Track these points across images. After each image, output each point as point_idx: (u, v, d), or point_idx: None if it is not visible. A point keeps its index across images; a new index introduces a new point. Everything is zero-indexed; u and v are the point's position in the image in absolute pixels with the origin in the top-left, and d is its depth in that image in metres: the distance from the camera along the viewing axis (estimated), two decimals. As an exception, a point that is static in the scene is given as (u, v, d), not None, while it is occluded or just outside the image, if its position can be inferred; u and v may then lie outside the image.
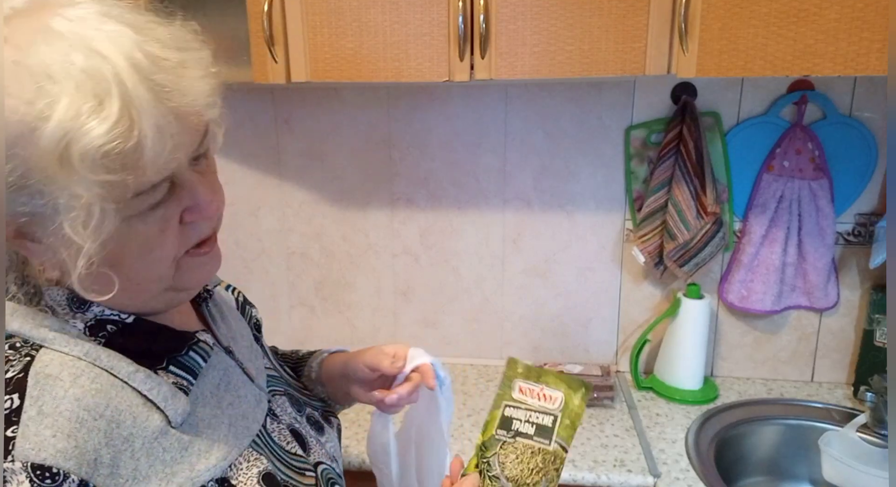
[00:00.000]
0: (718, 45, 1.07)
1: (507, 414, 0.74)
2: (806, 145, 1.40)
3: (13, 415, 0.47)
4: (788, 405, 1.44)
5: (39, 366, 0.51)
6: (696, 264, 1.44)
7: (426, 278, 1.62)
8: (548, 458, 0.71)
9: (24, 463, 0.46)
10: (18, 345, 0.52)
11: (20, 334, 0.53)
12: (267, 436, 0.67)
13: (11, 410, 0.48)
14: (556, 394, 0.74)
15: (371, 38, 1.16)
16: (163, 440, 0.55)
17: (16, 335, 0.53)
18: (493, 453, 0.73)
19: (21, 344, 0.53)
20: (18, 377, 0.50)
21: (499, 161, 1.52)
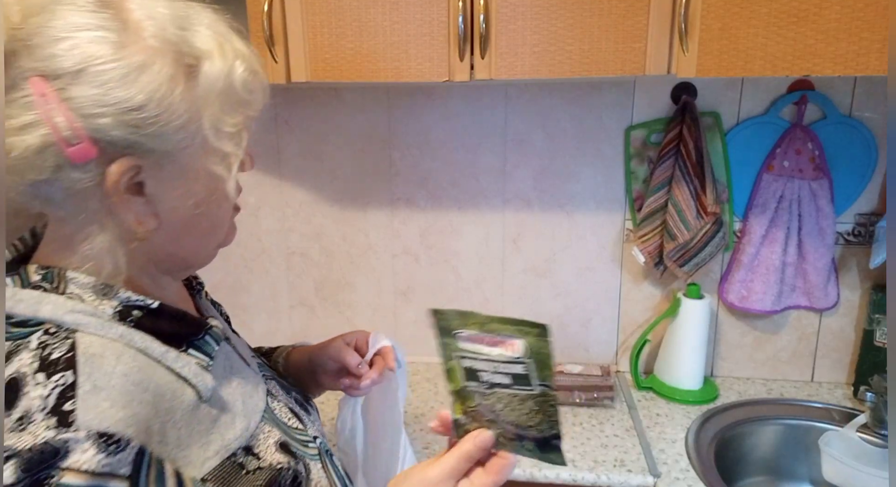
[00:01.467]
0: (718, 45, 1.07)
1: (468, 365, 0.68)
2: (806, 145, 1.40)
3: (68, 390, 0.49)
4: (788, 405, 1.44)
5: (84, 346, 0.53)
6: (696, 264, 1.44)
7: (426, 278, 1.62)
8: (538, 400, 0.67)
9: (88, 432, 0.48)
10: (53, 331, 0.54)
11: (53, 320, 0.54)
12: (272, 412, 0.72)
13: (67, 385, 0.50)
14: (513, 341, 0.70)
15: (371, 38, 1.16)
16: (196, 412, 0.59)
17: (48, 321, 0.54)
18: (476, 403, 0.69)
19: (56, 329, 0.54)
20: (68, 356, 0.52)
21: (499, 161, 1.52)
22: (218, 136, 0.59)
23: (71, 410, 0.49)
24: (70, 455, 0.47)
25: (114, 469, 0.49)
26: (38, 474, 0.46)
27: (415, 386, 1.54)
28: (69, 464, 0.47)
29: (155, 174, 0.56)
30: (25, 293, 0.55)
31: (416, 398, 1.48)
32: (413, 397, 1.48)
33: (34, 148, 0.51)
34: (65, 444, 0.47)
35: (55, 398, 0.49)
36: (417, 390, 1.52)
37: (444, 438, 0.72)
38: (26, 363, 0.51)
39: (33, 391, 0.49)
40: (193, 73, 0.57)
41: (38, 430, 0.47)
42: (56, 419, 0.48)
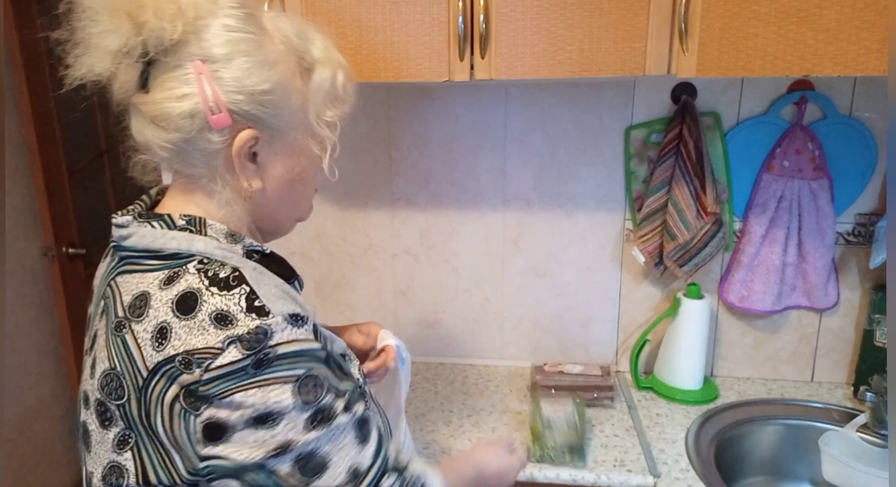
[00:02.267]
0: (718, 45, 1.07)
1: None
2: (806, 145, 1.40)
3: (252, 295, 0.66)
4: (788, 405, 1.44)
5: (242, 270, 0.69)
6: (696, 264, 1.44)
7: (426, 278, 1.62)
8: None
9: (282, 315, 0.66)
10: (205, 261, 0.69)
11: (204, 253, 0.70)
12: None
13: (248, 293, 0.67)
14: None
15: (371, 38, 1.16)
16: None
17: (199, 254, 0.70)
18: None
19: (207, 260, 0.69)
20: (236, 275, 0.68)
21: (499, 161, 1.52)
22: (319, 124, 0.77)
23: (262, 305, 0.66)
24: (276, 333, 0.65)
25: (306, 335, 0.68)
26: (259, 350, 0.64)
27: (415, 386, 1.54)
28: (277, 340, 0.65)
29: (267, 147, 0.74)
30: (177, 233, 0.71)
31: (416, 398, 1.48)
32: (413, 397, 1.48)
33: (186, 112, 0.68)
34: (270, 326, 0.65)
35: (245, 302, 0.66)
36: (417, 390, 1.52)
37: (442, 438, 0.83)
38: (195, 281, 0.67)
39: (211, 299, 0.66)
40: (308, 73, 0.76)
41: (247, 321, 0.64)
42: (255, 313, 0.65)
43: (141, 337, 0.66)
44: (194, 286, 0.67)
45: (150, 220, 0.72)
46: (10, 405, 2.13)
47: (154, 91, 0.69)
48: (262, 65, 0.70)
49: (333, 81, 0.77)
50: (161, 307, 0.66)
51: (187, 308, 0.66)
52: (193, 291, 0.67)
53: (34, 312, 2.21)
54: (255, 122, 0.71)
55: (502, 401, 1.46)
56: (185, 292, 0.67)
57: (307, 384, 0.66)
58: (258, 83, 0.70)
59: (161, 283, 0.68)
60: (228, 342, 0.63)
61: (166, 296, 0.67)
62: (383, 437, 0.74)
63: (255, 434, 0.64)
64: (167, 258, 0.70)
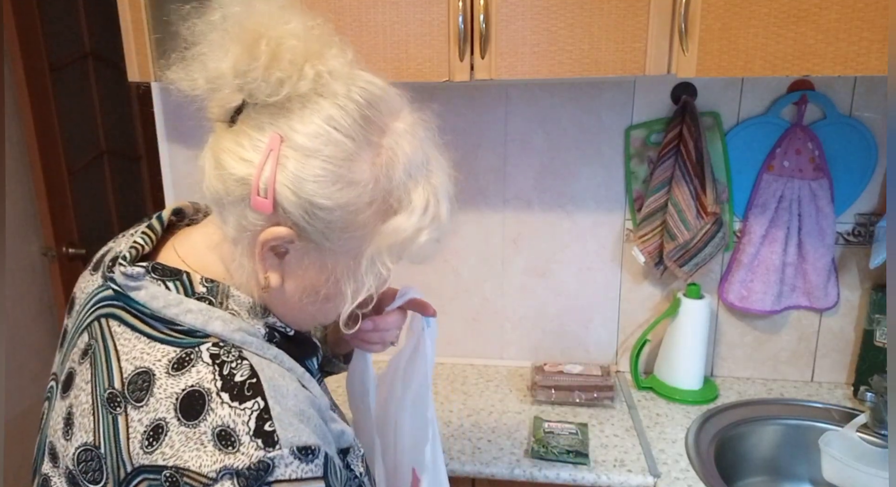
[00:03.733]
0: (718, 45, 1.07)
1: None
2: (806, 145, 1.40)
3: (264, 413, 0.57)
4: (788, 405, 1.44)
5: (263, 373, 0.60)
6: (696, 264, 1.44)
7: (427, 278, 1.62)
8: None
9: (290, 448, 0.56)
10: (222, 345, 0.61)
11: (221, 336, 0.61)
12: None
13: (261, 409, 0.57)
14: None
15: (371, 38, 1.16)
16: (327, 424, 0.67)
17: (215, 335, 0.61)
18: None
19: (222, 344, 0.61)
20: (251, 382, 0.58)
21: (499, 161, 1.52)
22: (369, 268, 0.65)
23: (272, 431, 0.56)
24: (278, 468, 0.55)
25: (313, 473, 0.57)
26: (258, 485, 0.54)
27: (415, 386, 1.53)
28: (278, 476, 0.55)
29: (299, 253, 0.63)
30: (194, 304, 0.62)
31: (416, 398, 1.48)
32: (413, 397, 1.48)
33: (236, 176, 0.60)
34: (273, 460, 0.55)
35: (255, 422, 0.56)
36: (417, 390, 1.52)
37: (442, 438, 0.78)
38: (208, 378, 0.58)
39: (220, 409, 0.56)
40: (389, 213, 0.63)
41: (250, 450, 0.55)
42: (261, 440, 0.55)
43: (133, 427, 0.57)
44: (205, 385, 0.58)
45: (165, 279, 0.63)
46: (10, 405, 2.13)
47: (230, 134, 0.61)
48: (338, 180, 0.59)
49: (415, 236, 0.64)
50: (164, 399, 0.57)
51: (192, 413, 0.57)
52: (202, 391, 0.57)
53: (34, 312, 2.21)
54: (297, 226, 0.61)
55: (502, 401, 1.46)
56: (193, 389, 0.57)
57: None
58: (319, 195, 0.59)
59: (170, 367, 0.59)
60: (223, 475, 0.54)
61: (172, 388, 0.58)
62: None
63: None
64: (185, 334, 0.61)
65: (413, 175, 0.64)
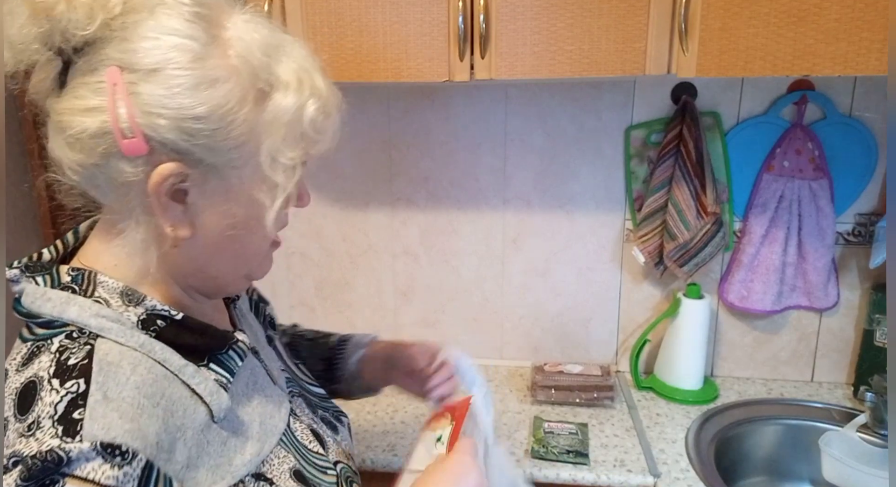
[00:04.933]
0: (718, 45, 1.07)
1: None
2: (806, 145, 1.40)
3: (80, 399, 0.50)
4: (788, 405, 1.44)
5: (101, 354, 0.53)
6: (696, 264, 1.44)
7: (426, 278, 1.62)
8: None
9: (92, 442, 0.48)
10: (76, 335, 0.54)
11: (77, 322, 0.55)
12: (291, 435, 0.70)
13: (78, 394, 0.50)
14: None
15: (371, 38, 1.16)
16: (207, 433, 0.58)
17: (73, 323, 0.55)
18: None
19: (78, 334, 0.55)
20: (83, 363, 0.52)
21: (499, 161, 1.52)
22: (273, 165, 0.58)
23: (79, 419, 0.49)
24: (74, 464, 0.47)
25: (120, 482, 0.48)
26: (42, 481, 0.46)
27: (415, 386, 1.54)
28: (73, 470, 0.47)
29: (199, 186, 0.57)
30: (54, 293, 0.56)
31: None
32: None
33: (91, 131, 0.53)
34: (68, 454, 0.47)
35: (65, 406, 0.49)
36: (417, 390, 1.52)
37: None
38: (45, 366, 0.52)
39: (48, 396, 0.50)
40: (264, 99, 0.57)
41: (45, 437, 0.47)
42: (62, 427, 0.48)
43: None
44: (40, 374, 0.52)
45: (35, 274, 0.58)
46: (10, 405, 2.13)
47: (64, 97, 0.54)
48: (199, 83, 0.53)
49: (300, 112, 0.58)
50: (7, 398, 0.52)
51: (24, 405, 0.50)
52: (36, 381, 0.51)
53: (34, 312, 2.21)
54: (182, 155, 0.54)
55: (502, 401, 1.46)
56: (29, 381, 0.51)
57: None
58: (188, 106, 0.53)
59: (20, 363, 0.54)
60: (11, 462, 0.47)
61: (13, 384, 0.52)
62: None
63: None
64: (42, 327, 0.55)
65: (270, 54, 0.58)
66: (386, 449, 1.27)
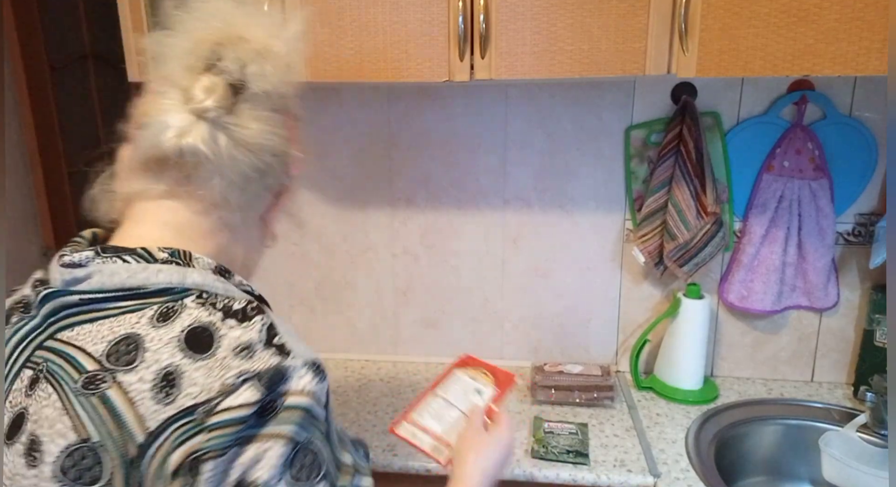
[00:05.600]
0: (718, 45, 1.07)
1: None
2: (806, 145, 1.40)
3: (272, 328, 0.58)
4: (788, 405, 1.44)
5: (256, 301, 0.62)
6: (696, 264, 1.44)
7: (426, 278, 1.62)
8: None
9: (304, 360, 0.57)
10: (205, 295, 0.60)
11: (202, 286, 0.61)
12: None
13: (269, 324, 0.58)
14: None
15: (371, 38, 1.16)
16: None
17: (196, 287, 0.60)
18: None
19: (207, 294, 0.60)
20: (253, 305, 0.60)
21: (499, 161, 1.52)
22: None
23: (282, 344, 0.57)
24: (293, 378, 0.55)
25: (320, 395, 0.57)
26: (274, 392, 0.54)
27: (415, 386, 1.54)
28: (292, 387, 0.55)
29: None
30: (165, 267, 0.60)
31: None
32: (413, 397, 1.48)
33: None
34: (289, 369, 0.55)
35: (265, 334, 0.57)
36: (418, 390, 1.52)
37: None
38: (203, 316, 0.57)
39: (230, 332, 0.56)
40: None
41: (266, 357, 0.55)
42: (275, 349, 0.56)
43: (135, 390, 0.53)
44: (204, 320, 0.57)
45: (119, 254, 0.60)
46: (10, 405, 2.13)
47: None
48: None
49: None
50: (163, 347, 0.55)
51: (202, 345, 0.55)
52: (205, 325, 0.56)
53: (34, 312, 2.21)
54: None
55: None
56: (193, 326, 0.56)
57: (304, 456, 0.55)
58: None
59: (153, 321, 0.56)
60: (243, 379, 0.53)
61: (167, 334, 0.55)
62: None
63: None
64: (152, 296, 0.58)
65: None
66: (386, 449, 1.27)
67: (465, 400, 0.97)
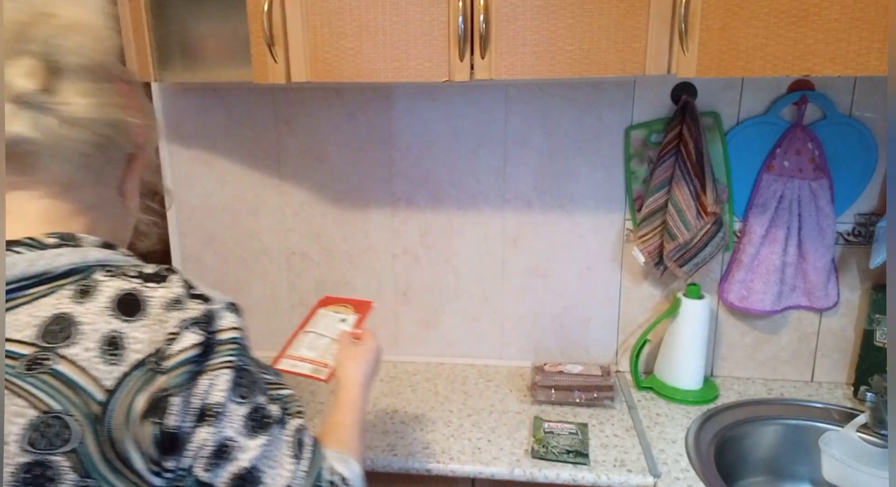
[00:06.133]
0: (718, 45, 1.07)
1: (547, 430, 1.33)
2: (806, 145, 1.40)
3: (188, 283, 0.64)
4: (788, 405, 1.44)
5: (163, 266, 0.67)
6: (696, 264, 1.44)
7: (426, 278, 1.62)
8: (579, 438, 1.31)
9: (223, 304, 0.65)
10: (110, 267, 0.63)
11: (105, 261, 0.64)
12: None
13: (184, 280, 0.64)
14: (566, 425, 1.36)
15: (371, 38, 1.16)
16: None
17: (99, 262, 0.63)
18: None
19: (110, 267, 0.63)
20: (164, 267, 0.65)
21: (499, 161, 1.52)
22: None
23: (201, 293, 0.64)
24: (220, 318, 0.63)
25: (243, 328, 0.66)
26: (210, 331, 0.61)
27: (415, 386, 1.54)
28: (220, 325, 0.63)
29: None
30: (62, 250, 0.62)
31: (416, 398, 1.47)
32: (413, 397, 1.48)
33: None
34: (215, 311, 0.63)
35: (184, 289, 0.63)
36: (418, 390, 1.52)
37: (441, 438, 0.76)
38: (123, 286, 0.61)
39: (154, 293, 0.61)
40: None
41: (194, 305, 0.62)
42: (199, 298, 0.63)
43: (82, 358, 0.57)
44: (126, 287, 0.61)
45: (9, 248, 0.61)
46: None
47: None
48: None
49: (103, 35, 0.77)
50: (97, 318, 0.59)
51: (133, 309, 0.60)
52: (129, 290, 0.61)
53: (34, 312, 2.21)
54: None
55: (502, 401, 1.46)
56: (120, 295, 0.61)
57: (243, 377, 0.63)
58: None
59: (75, 299, 0.60)
60: (185, 326, 0.60)
61: (96, 306, 0.59)
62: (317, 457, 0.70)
63: (197, 434, 0.60)
64: (59, 278, 0.61)
65: None
66: (386, 449, 1.27)
67: (332, 329, 1.12)
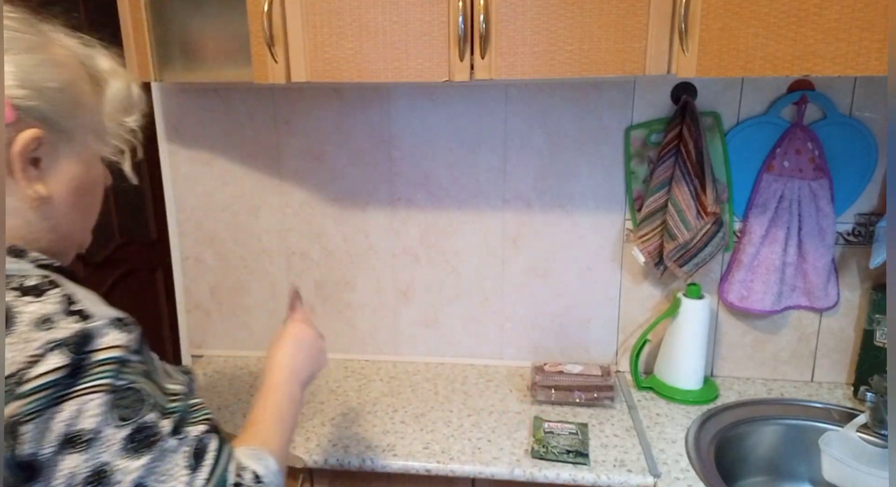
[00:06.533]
0: (718, 45, 1.07)
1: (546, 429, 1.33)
2: (806, 145, 1.40)
3: (69, 298, 0.62)
4: (788, 405, 1.44)
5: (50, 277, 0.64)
6: (696, 264, 1.44)
7: (426, 278, 1.62)
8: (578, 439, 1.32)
9: (107, 319, 0.61)
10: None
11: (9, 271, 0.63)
12: None
13: (65, 295, 0.62)
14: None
15: (371, 38, 1.16)
16: None
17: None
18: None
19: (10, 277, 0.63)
20: (48, 280, 0.63)
21: (499, 161, 1.52)
22: (120, 129, 0.76)
23: (81, 309, 0.61)
24: (98, 337, 0.60)
25: (130, 344, 0.62)
26: (82, 353, 0.58)
27: (415, 386, 1.54)
28: (98, 345, 0.59)
29: (53, 152, 0.67)
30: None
31: (416, 398, 1.47)
32: (413, 397, 1.48)
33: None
34: (93, 330, 0.60)
35: (65, 305, 0.61)
36: (418, 390, 1.52)
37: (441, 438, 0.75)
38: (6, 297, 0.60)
39: (26, 308, 0.60)
40: (98, 83, 0.74)
41: (68, 324, 0.59)
42: (77, 316, 0.60)
43: None
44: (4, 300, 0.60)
45: None
46: (10, 405, 2.13)
47: None
48: (51, 64, 0.67)
49: (129, 91, 0.77)
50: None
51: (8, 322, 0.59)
52: (8, 307, 0.59)
53: (34, 312, 2.21)
54: (42, 121, 0.65)
55: (502, 401, 1.46)
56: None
57: (125, 397, 0.60)
58: (47, 80, 0.66)
59: None
60: (49, 349, 0.57)
61: None
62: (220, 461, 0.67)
63: (65, 462, 0.57)
64: None
65: (85, 50, 0.74)
66: (386, 449, 1.27)
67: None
